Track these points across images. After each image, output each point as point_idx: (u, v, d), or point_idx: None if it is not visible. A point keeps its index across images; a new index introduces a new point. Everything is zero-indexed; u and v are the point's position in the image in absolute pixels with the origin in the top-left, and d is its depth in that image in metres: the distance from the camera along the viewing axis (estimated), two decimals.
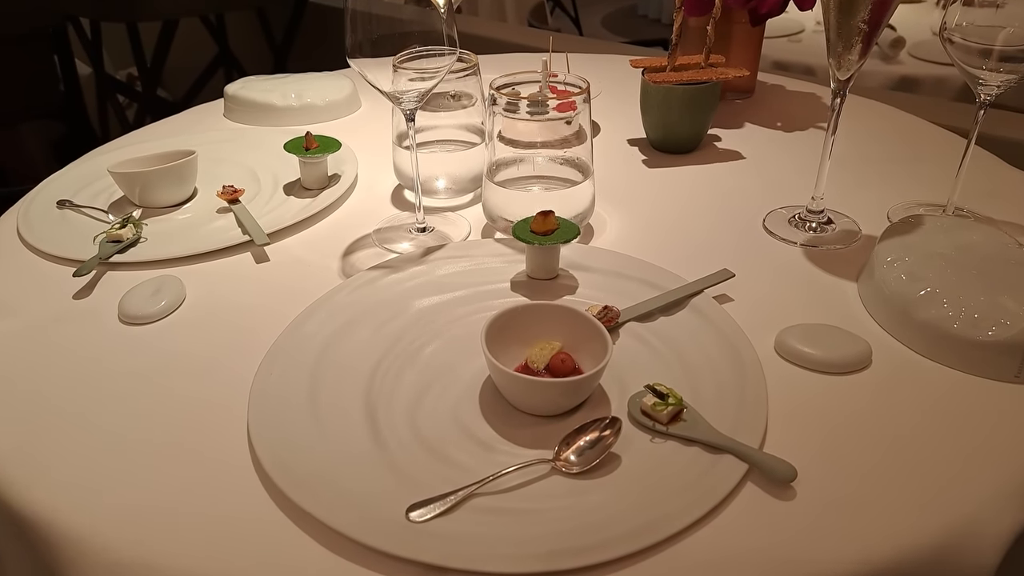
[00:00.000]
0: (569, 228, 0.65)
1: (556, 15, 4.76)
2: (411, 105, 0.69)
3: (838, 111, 0.69)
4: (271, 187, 0.87)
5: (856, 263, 0.68)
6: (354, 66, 0.66)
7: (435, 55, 0.70)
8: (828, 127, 0.70)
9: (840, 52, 0.65)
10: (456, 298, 0.64)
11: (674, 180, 0.87)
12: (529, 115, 0.76)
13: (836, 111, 0.69)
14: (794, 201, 0.79)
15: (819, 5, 0.67)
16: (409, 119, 0.71)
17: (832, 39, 0.65)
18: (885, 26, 0.63)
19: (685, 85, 0.86)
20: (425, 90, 0.69)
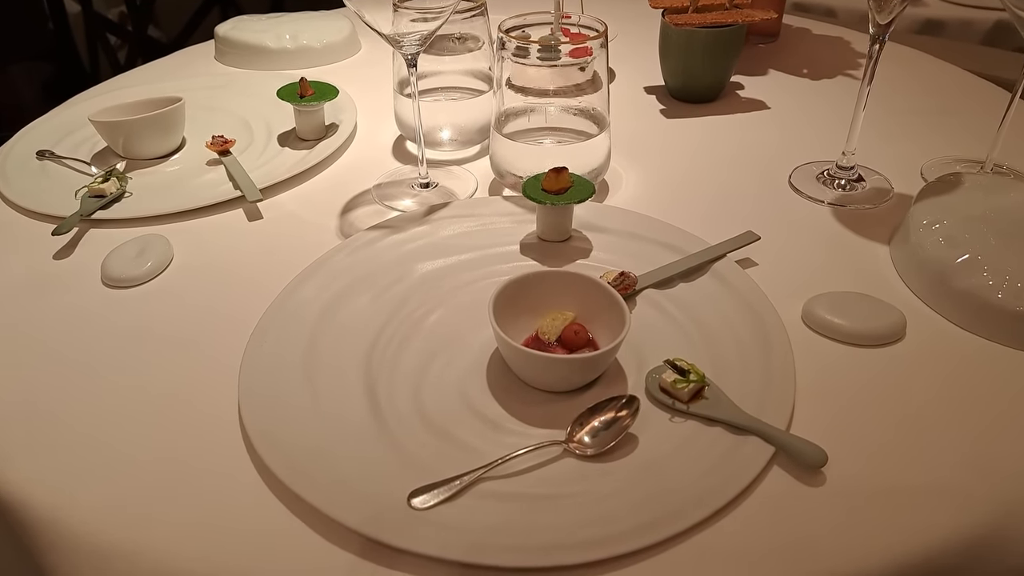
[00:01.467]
0: (583, 186, 0.60)
1: None
2: (412, 49, 0.64)
3: (876, 58, 0.64)
4: (264, 137, 0.82)
5: (889, 224, 0.64)
6: (350, 5, 0.61)
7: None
8: (864, 75, 0.65)
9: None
10: (462, 262, 0.60)
11: (694, 132, 0.82)
12: (540, 61, 0.71)
13: (874, 58, 0.64)
14: (821, 155, 0.74)
15: None
16: (411, 64, 0.65)
17: None
18: None
19: (708, 28, 0.80)
20: (428, 32, 0.64)
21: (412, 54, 0.65)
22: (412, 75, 0.66)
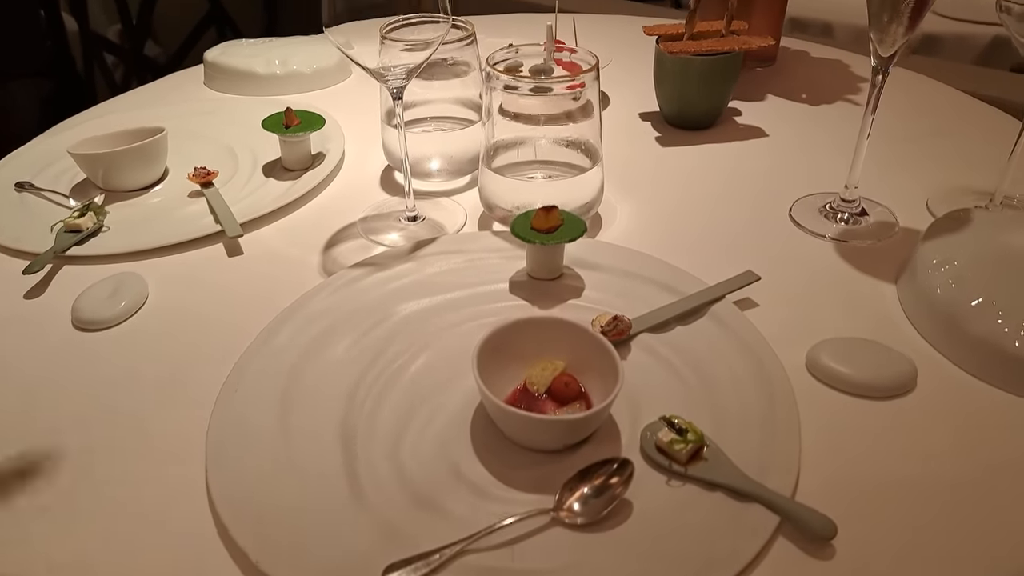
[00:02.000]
0: (574, 224, 0.58)
1: None
2: (398, 83, 0.62)
3: (879, 89, 0.61)
4: (249, 167, 0.79)
5: (895, 261, 0.61)
6: (332, 39, 0.58)
7: (427, 23, 0.62)
8: (867, 107, 0.62)
9: (884, 24, 0.57)
10: (448, 301, 0.57)
11: (690, 160, 0.79)
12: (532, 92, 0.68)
13: (877, 89, 0.61)
14: (822, 185, 0.72)
15: None
16: (396, 97, 0.63)
17: (875, 8, 0.57)
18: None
19: (704, 56, 0.78)
20: (414, 65, 0.62)
21: (398, 88, 0.62)
22: (398, 107, 0.64)
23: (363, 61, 0.60)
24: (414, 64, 0.61)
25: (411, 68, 0.62)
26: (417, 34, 0.63)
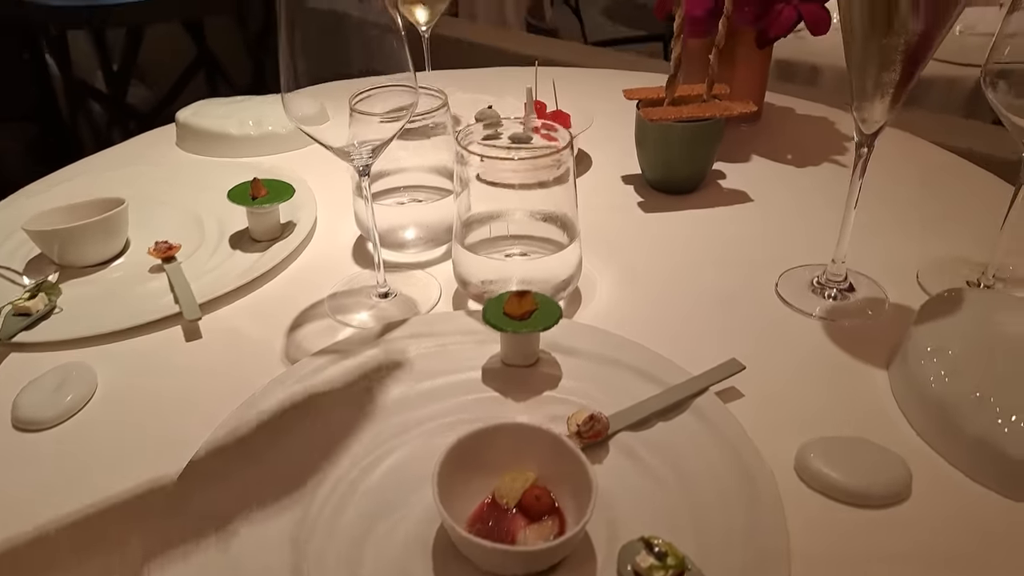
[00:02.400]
0: (549, 310, 0.55)
1: (557, 5, 4.65)
2: (364, 161, 0.59)
3: (863, 165, 0.59)
4: (216, 237, 0.76)
5: (885, 343, 0.59)
6: (290, 114, 0.56)
7: (398, 89, 0.60)
8: (852, 176, 0.60)
9: (866, 99, 0.55)
10: (417, 395, 0.54)
11: (674, 228, 0.77)
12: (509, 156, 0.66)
13: (862, 161, 0.59)
14: (809, 254, 0.69)
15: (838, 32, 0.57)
16: (363, 174, 0.61)
17: (855, 81, 0.55)
18: (927, 63, 0.53)
19: (685, 123, 0.76)
20: (381, 142, 0.59)
21: (364, 166, 0.60)
22: (365, 183, 0.61)
23: (327, 139, 0.57)
24: (381, 141, 0.59)
25: (378, 146, 0.59)
26: (388, 103, 0.60)
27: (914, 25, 0.49)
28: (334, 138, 0.58)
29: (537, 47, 1.60)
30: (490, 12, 3.30)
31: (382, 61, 0.56)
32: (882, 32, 0.51)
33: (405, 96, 0.59)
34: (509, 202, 0.65)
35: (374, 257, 0.65)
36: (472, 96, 1.14)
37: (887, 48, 0.51)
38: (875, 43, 0.51)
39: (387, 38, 0.56)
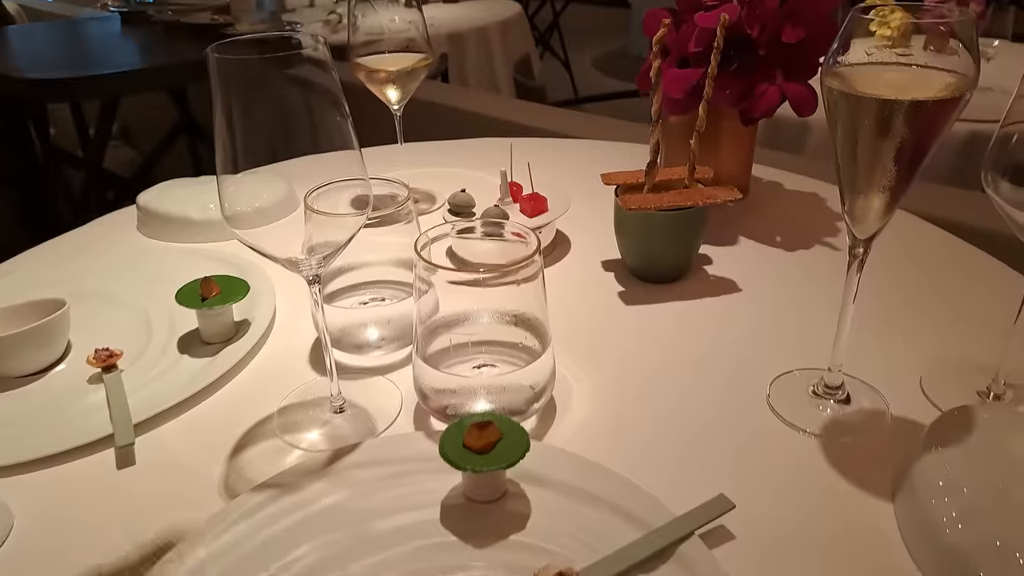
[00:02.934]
0: (515, 440, 0.49)
1: (546, 58, 4.70)
2: (314, 271, 0.55)
3: (858, 269, 0.54)
4: (164, 338, 0.71)
5: (889, 465, 0.53)
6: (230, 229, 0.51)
7: (352, 183, 0.56)
8: (845, 289, 0.55)
9: (859, 203, 0.51)
10: (364, 542, 0.48)
11: (657, 323, 0.72)
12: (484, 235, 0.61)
13: (857, 268, 0.54)
14: (802, 353, 0.64)
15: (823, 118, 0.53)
16: (313, 282, 0.56)
17: (846, 181, 0.51)
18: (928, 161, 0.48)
19: (666, 212, 0.71)
20: (334, 249, 0.55)
21: (315, 275, 0.55)
22: (315, 291, 0.56)
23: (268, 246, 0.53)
24: (334, 247, 0.54)
25: (330, 253, 0.55)
26: (342, 197, 0.56)
27: (911, 130, 0.45)
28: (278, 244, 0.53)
29: (521, 113, 1.57)
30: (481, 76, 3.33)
31: (326, 139, 0.52)
32: (874, 137, 0.46)
33: (360, 188, 0.54)
34: (474, 302, 0.60)
35: (328, 366, 0.59)
36: (447, 171, 1.10)
37: (880, 152, 0.47)
38: (867, 147, 0.47)
39: (330, 114, 0.51)
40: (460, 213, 0.84)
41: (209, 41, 0.49)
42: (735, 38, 0.78)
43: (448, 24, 3.31)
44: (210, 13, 1.86)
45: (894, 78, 0.47)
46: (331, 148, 0.53)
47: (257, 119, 0.50)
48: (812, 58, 0.80)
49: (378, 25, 0.92)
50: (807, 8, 0.75)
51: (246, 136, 0.50)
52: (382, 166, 1.13)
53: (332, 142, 0.52)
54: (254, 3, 1.65)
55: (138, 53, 1.80)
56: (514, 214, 0.83)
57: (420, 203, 0.99)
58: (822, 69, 0.49)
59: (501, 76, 3.44)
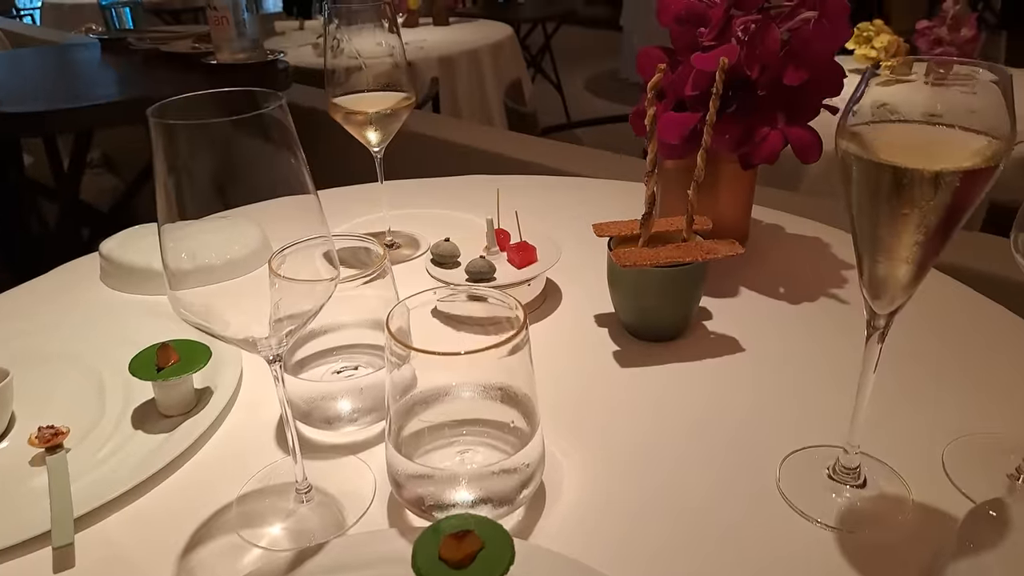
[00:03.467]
0: (498, 550, 0.43)
1: (538, 80, 4.68)
2: (274, 351, 0.49)
3: (879, 340, 0.49)
4: (117, 410, 0.65)
5: (913, 565, 0.47)
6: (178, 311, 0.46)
7: (315, 242, 0.51)
8: (866, 355, 0.50)
9: (878, 273, 0.45)
10: None
11: (654, 388, 0.66)
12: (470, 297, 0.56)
13: (878, 340, 0.49)
14: (811, 425, 0.59)
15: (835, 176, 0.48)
16: (273, 361, 0.50)
17: (863, 250, 0.46)
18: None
19: (663, 268, 0.66)
20: (297, 325, 0.49)
21: (275, 355, 0.49)
22: (275, 370, 0.50)
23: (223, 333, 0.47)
24: (297, 323, 0.49)
25: (294, 328, 0.49)
26: (308, 261, 0.51)
27: (940, 201, 0.40)
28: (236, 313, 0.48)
29: (513, 145, 1.53)
30: (472, 100, 3.30)
31: (282, 183, 0.46)
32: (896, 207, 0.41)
33: (325, 246, 0.49)
34: (454, 375, 0.55)
35: (292, 449, 0.54)
36: (431, 212, 1.05)
37: (903, 223, 0.42)
38: (887, 217, 0.42)
39: (281, 155, 0.46)
40: (443, 264, 0.79)
41: (190, 70, 0.44)
42: (734, 79, 0.73)
43: (439, 47, 3.29)
44: (191, 41, 1.81)
45: (918, 140, 0.42)
46: (287, 192, 0.48)
47: (203, 165, 0.45)
48: (815, 100, 0.76)
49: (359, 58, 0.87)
50: (810, 49, 0.70)
51: (191, 182, 0.44)
52: (363, 207, 1.08)
53: (288, 185, 0.47)
54: (235, 32, 1.60)
55: (115, 84, 1.75)
56: (501, 264, 0.78)
57: (402, 249, 0.94)
58: (837, 127, 0.44)
59: (493, 100, 3.41)
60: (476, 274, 0.75)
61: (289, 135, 0.45)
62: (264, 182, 0.46)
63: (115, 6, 2.00)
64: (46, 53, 2.11)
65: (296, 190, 0.46)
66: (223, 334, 0.47)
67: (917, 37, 2.44)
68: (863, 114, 0.42)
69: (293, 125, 0.45)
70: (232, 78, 1.65)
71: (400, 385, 0.51)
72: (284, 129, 0.45)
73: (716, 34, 0.72)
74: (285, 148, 0.45)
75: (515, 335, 0.48)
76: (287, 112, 0.45)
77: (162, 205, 0.44)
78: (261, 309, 0.51)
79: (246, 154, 0.44)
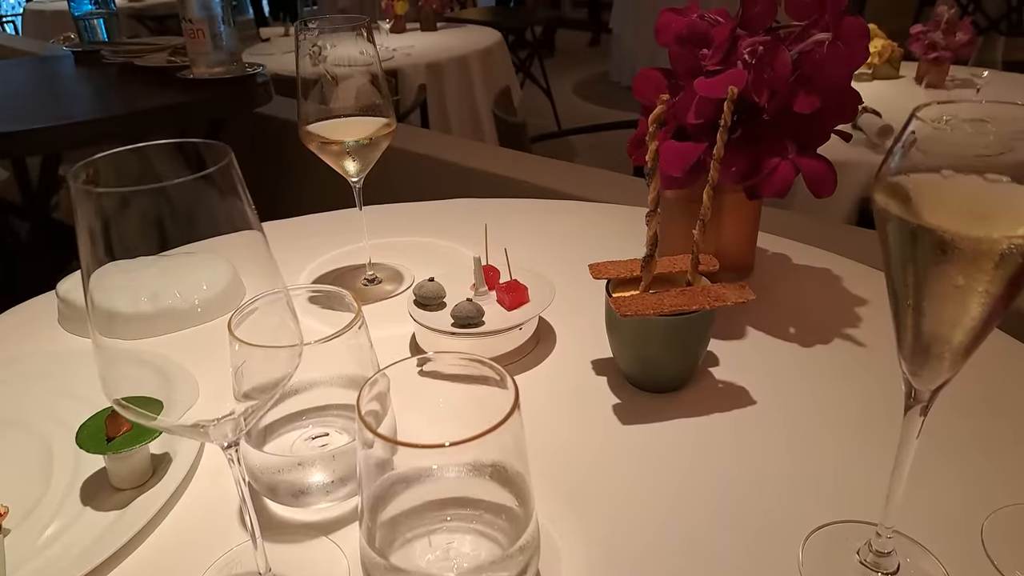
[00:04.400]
0: None
1: (527, 85, 4.63)
2: (228, 437, 0.43)
3: (921, 413, 0.43)
4: (65, 481, 0.59)
5: None
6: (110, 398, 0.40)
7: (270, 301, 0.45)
8: (905, 429, 0.44)
9: (920, 346, 0.40)
10: None
11: (659, 448, 0.60)
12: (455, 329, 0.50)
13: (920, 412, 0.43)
14: (833, 492, 0.53)
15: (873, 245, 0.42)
16: (229, 447, 0.44)
17: (902, 319, 0.40)
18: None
19: (667, 317, 0.60)
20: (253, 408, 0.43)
21: (230, 442, 0.43)
22: (231, 458, 0.44)
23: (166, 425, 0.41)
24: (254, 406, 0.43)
25: (254, 408, 0.43)
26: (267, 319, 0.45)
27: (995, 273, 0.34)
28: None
29: (504, 163, 1.46)
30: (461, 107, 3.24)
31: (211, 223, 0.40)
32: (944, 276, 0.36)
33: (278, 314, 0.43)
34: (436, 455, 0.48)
35: (251, 534, 0.47)
36: (415, 240, 0.99)
37: (954, 295, 0.36)
38: (934, 287, 0.36)
39: (207, 193, 0.40)
40: (427, 306, 0.73)
41: (165, 85, 0.38)
42: (739, 104, 0.67)
43: (427, 53, 3.22)
44: (167, 54, 1.74)
45: (971, 197, 0.36)
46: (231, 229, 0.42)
47: (132, 232, 0.39)
48: (826, 126, 0.70)
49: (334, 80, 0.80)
50: (823, 74, 0.65)
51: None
52: (341, 237, 1.02)
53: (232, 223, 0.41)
54: (211, 45, 1.53)
55: (88, 100, 1.68)
56: (490, 306, 0.72)
57: (383, 284, 0.88)
58: (875, 179, 0.38)
59: (482, 107, 3.35)
60: (462, 319, 0.69)
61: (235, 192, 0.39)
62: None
63: (88, 17, 1.92)
64: (17, 67, 2.04)
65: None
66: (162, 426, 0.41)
67: (911, 42, 2.40)
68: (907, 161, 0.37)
69: (242, 180, 0.39)
70: (209, 93, 1.58)
71: (374, 465, 0.45)
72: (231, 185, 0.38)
73: (721, 57, 0.67)
74: (233, 206, 0.39)
75: (507, 417, 0.42)
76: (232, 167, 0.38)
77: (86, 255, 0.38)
78: (219, 378, 0.46)
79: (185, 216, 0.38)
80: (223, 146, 0.39)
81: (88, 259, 0.38)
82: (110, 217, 0.37)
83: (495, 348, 0.71)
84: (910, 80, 2.39)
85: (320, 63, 0.79)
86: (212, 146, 0.39)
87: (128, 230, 0.38)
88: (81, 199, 0.36)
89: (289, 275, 0.91)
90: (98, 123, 1.44)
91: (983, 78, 2.30)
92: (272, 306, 0.44)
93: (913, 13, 4.82)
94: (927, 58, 2.32)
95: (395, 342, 0.76)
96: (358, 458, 0.45)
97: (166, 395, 0.50)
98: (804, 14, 0.66)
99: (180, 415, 0.60)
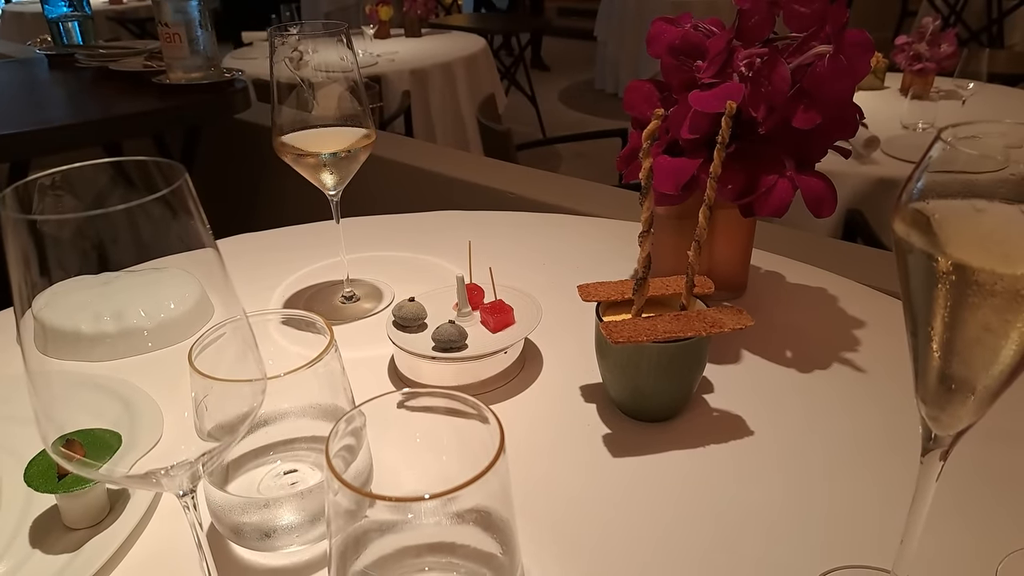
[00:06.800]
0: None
1: (512, 92, 4.60)
2: (183, 485, 0.39)
3: (941, 458, 0.40)
4: (14, 521, 0.54)
5: None
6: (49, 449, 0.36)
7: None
8: (923, 475, 0.41)
9: (942, 389, 0.37)
10: None
11: (649, 480, 0.57)
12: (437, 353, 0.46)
13: (940, 457, 0.40)
14: (840, 531, 0.50)
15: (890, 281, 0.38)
16: (186, 495, 0.40)
17: (923, 362, 0.36)
18: None
19: (661, 343, 0.57)
20: (213, 453, 0.39)
21: (186, 491, 0.39)
22: (187, 507, 0.40)
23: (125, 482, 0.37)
24: (214, 451, 0.39)
25: (216, 450, 0.39)
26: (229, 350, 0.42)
27: None
28: None
29: (489, 174, 1.43)
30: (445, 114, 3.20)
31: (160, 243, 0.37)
32: (972, 317, 0.32)
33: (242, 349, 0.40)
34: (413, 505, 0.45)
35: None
36: (395, 255, 0.95)
37: (982, 338, 0.33)
38: (961, 329, 0.33)
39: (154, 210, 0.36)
40: (407, 328, 0.69)
41: (141, 90, 0.34)
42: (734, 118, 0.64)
43: (411, 60, 3.19)
44: (143, 59, 1.69)
45: (1004, 230, 0.33)
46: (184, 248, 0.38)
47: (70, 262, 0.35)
48: (825, 142, 0.67)
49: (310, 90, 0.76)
50: (824, 88, 0.62)
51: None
52: (319, 251, 0.97)
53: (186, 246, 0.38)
54: (188, 50, 1.49)
55: (61, 106, 1.63)
56: (474, 327, 0.68)
57: (362, 302, 0.84)
58: (894, 207, 0.35)
59: (467, 114, 3.32)
60: (444, 343, 0.66)
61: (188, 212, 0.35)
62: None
63: (63, 20, 1.87)
64: None
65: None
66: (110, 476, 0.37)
67: (896, 53, 2.41)
68: (930, 187, 0.33)
69: (196, 200, 0.36)
70: (185, 99, 1.54)
71: (344, 512, 0.41)
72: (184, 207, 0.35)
73: (716, 70, 0.64)
74: (185, 228, 0.36)
75: (493, 463, 0.38)
76: (187, 188, 0.35)
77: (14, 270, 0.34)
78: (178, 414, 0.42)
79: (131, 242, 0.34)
80: (177, 166, 0.35)
81: (20, 282, 0.34)
82: (47, 243, 0.33)
83: (478, 373, 0.68)
84: (895, 91, 2.39)
85: (298, 69, 0.75)
86: (164, 165, 0.35)
87: (67, 256, 0.34)
88: (10, 225, 0.32)
89: (263, 292, 0.88)
90: (73, 128, 1.39)
91: (968, 90, 2.30)
92: (234, 334, 0.40)
93: (895, 24, 4.86)
94: (912, 69, 2.32)
95: (373, 363, 0.72)
96: (327, 503, 0.41)
97: (127, 427, 0.47)
98: (804, 26, 0.63)
99: (144, 450, 0.56)
